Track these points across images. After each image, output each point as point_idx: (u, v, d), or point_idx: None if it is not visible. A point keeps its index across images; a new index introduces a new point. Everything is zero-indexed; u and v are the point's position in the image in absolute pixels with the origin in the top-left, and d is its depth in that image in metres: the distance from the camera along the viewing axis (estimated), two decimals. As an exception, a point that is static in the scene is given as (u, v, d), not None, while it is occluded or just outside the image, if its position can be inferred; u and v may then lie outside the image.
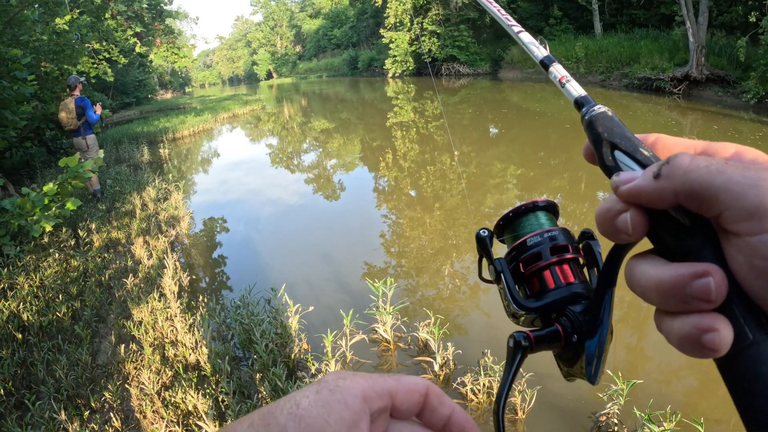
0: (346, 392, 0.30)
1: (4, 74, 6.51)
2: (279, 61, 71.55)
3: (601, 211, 0.30)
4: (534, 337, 0.39)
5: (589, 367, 0.37)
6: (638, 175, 0.28)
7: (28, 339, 3.32)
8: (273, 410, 0.29)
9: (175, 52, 31.09)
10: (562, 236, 0.42)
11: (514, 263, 0.43)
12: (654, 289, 0.27)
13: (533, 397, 2.43)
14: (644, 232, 0.29)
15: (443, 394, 0.35)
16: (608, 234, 0.30)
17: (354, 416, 0.29)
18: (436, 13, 28.12)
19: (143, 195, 6.79)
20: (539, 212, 0.44)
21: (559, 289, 0.40)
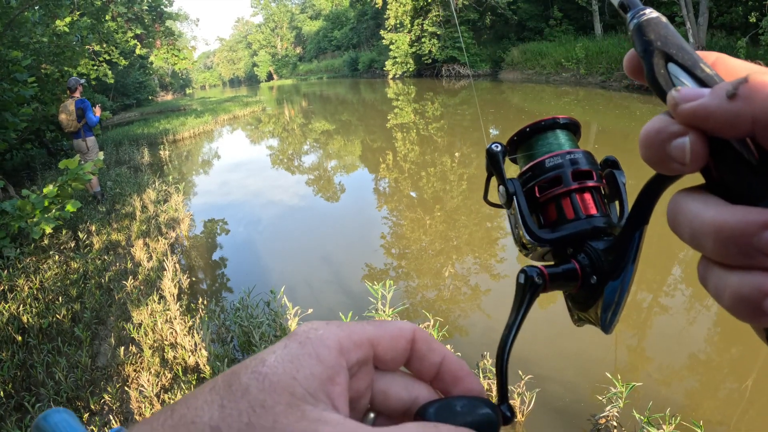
0: (318, 344, 0.26)
1: (5, 76, 6.52)
2: (279, 62, 71.61)
3: (651, 132, 0.24)
4: (548, 273, 0.35)
5: (605, 314, 0.33)
6: (706, 93, 0.23)
7: (27, 341, 3.32)
8: (237, 370, 0.26)
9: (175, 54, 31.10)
10: (585, 160, 0.37)
11: (529, 186, 0.38)
12: (710, 234, 0.22)
13: (532, 400, 2.43)
14: (703, 163, 0.24)
15: (432, 339, 0.32)
16: (655, 160, 0.25)
17: (328, 371, 0.26)
18: (436, 15, 28.14)
19: (143, 197, 6.79)
20: (560, 131, 0.39)
21: (580, 220, 0.36)
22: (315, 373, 0.25)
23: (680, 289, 3.75)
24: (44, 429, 0.24)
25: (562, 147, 0.38)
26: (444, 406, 0.29)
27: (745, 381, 2.63)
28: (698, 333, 3.17)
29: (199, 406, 0.24)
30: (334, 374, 0.26)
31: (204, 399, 0.25)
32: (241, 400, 0.24)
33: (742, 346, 2.99)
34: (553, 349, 2.97)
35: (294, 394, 0.24)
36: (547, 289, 0.35)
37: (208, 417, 0.24)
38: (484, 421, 0.29)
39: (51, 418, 0.24)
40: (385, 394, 0.30)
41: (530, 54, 22.50)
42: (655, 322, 3.38)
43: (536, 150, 0.38)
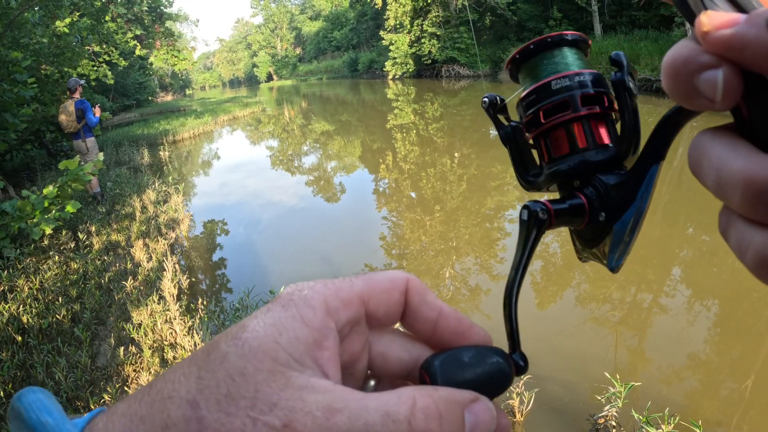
0: (303, 305, 0.24)
1: (5, 77, 6.52)
2: (279, 63, 71.65)
3: (677, 60, 0.21)
4: (554, 209, 0.32)
5: (613, 252, 0.31)
6: (742, 19, 0.19)
7: (27, 341, 3.32)
8: (218, 338, 0.24)
9: (175, 55, 31.12)
10: (595, 83, 0.34)
11: (532, 110, 0.35)
12: (739, 186, 0.19)
13: (531, 400, 2.43)
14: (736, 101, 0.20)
15: (427, 291, 0.29)
16: (680, 93, 0.21)
17: (314, 334, 0.24)
18: (435, 15, 28.15)
19: (143, 197, 6.79)
20: (567, 49, 0.35)
21: (588, 151, 0.33)
22: (300, 336, 0.23)
23: (680, 289, 3.75)
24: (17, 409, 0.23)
25: (570, 67, 0.34)
26: (450, 359, 0.26)
27: (744, 381, 2.63)
28: (698, 333, 3.17)
29: (177, 379, 0.23)
30: (322, 337, 0.24)
31: (182, 371, 0.23)
32: (219, 369, 0.22)
33: (741, 346, 3.00)
34: (552, 349, 2.98)
35: (277, 359, 0.22)
36: (553, 225, 0.32)
37: (185, 390, 0.22)
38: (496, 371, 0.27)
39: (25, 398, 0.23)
40: (384, 356, 0.28)
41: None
42: (654, 322, 3.38)
43: (541, 70, 0.35)
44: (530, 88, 0.35)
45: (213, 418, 0.21)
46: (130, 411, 0.23)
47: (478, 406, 0.25)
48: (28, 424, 0.23)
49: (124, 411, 0.23)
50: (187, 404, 0.22)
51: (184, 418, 0.21)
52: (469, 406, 0.24)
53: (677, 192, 5.57)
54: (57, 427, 0.22)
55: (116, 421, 0.23)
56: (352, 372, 0.27)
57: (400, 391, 0.23)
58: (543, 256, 4.32)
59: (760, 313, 3.22)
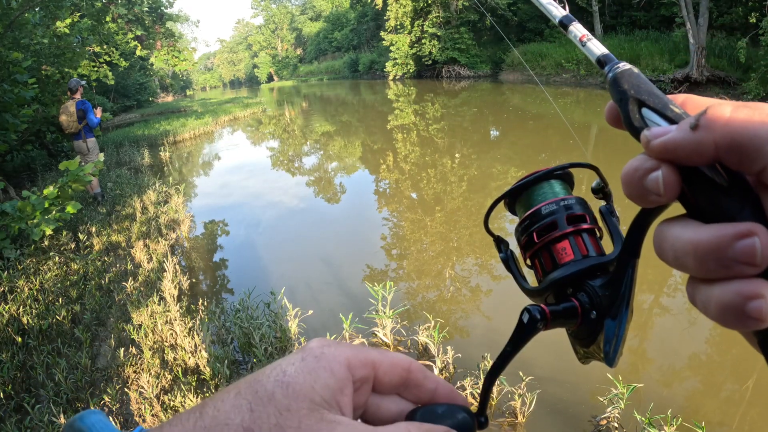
0: (332, 359, 0.31)
1: (5, 77, 6.52)
2: (280, 64, 71.69)
3: (629, 171, 0.27)
4: (550, 311, 0.36)
5: (607, 346, 0.35)
6: (673, 129, 0.25)
7: (27, 342, 3.32)
8: (259, 378, 0.29)
9: (175, 56, 31.15)
10: (578, 205, 0.40)
11: (527, 233, 0.41)
12: (690, 253, 0.24)
13: (533, 401, 2.43)
14: (677, 192, 0.26)
15: (427, 370, 0.36)
16: (635, 196, 0.27)
17: (339, 383, 0.30)
18: (436, 16, 28.16)
19: (144, 198, 6.79)
20: (554, 180, 0.42)
21: (576, 261, 0.38)
22: (329, 384, 0.30)
23: (681, 290, 3.74)
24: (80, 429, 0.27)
25: (557, 195, 0.41)
26: (428, 410, 0.35)
27: (746, 382, 2.63)
28: (699, 334, 3.16)
29: (229, 410, 0.28)
30: (344, 386, 0.30)
31: (232, 403, 0.28)
32: (269, 405, 0.28)
33: (743, 347, 2.98)
34: (554, 350, 2.97)
35: (314, 400, 0.29)
36: (549, 326, 0.37)
37: (240, 419, 0.27)
38: (462, 422, 0.34)
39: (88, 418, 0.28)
40: (378, 406, 0.35)
41: (530, 55, 22.51)
42: (656, 324, 3.37)
43: (532, 199, 0.41)
44: (524, 215, 0.41)
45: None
46: None
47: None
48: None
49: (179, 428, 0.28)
50: (243, 430, 0.27)
51: None
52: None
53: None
54: None
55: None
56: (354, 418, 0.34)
57: (399, 425, 0.32)
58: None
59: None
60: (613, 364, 0.35)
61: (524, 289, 0.42)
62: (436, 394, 0.36)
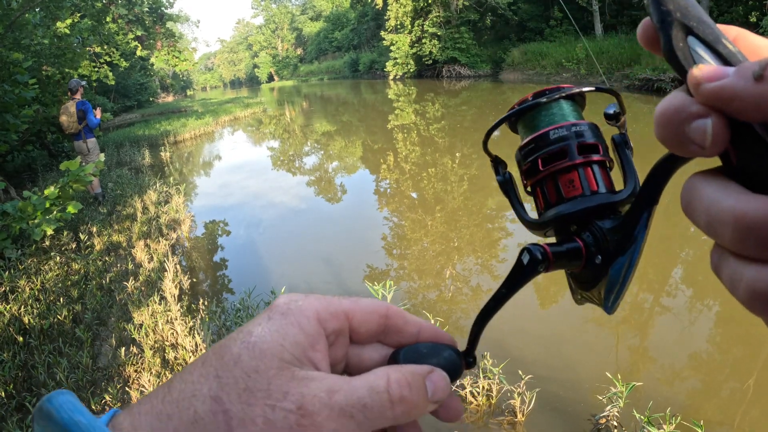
0: (300, 314, 0.29)
1: (6, 78, 6.53)
2: (280, 63, 71.70)
3: (669, 110, 0.23)
4: (552, 253, 0.33)
5: (609, 294, 0.32)
6: (730, 72, 0.21)
7: (29, 342, 3.33)
8: (226, 343, 0.28)
9: (176, 56, 31.16)
10: (591, 133, 0.35)
11: (531, 159, 0.36)
12: (729, 224, 0.21)
13: (532, 400, 2.43)
14: (723, 148, 0.22)
15: (407, 313, 0.34)
16: (672, 141, 0.23)
17: (309, 339, 0.29)
18: (436, 15, 28.15)
19: (144, 198, 6.80)
20: (564, 101, 0.37)
21: (585, 197, 0.34)
22: (299, 340, 0.28)
23: (681, 289, 3.75)
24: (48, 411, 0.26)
25: (567, 118, 0.36)
26: (411, 350, 0.33)
27: (746, 381, 2.63)
28: (699, 333, 3.17)
29: (196, 380, 0.27)
30: (315, 342, 0.29)
31: (199, 372, 0.27)
32: (235, 369, 0.27)
33: (743, 345, 2.99)
34: (554, 349, 2.97)
35: (283, 359, 0.27)
36: (550, 268, 0.34)
37: (207, 388, 0.26)
38: (447, 361, 0.33)
39: (55, 399, 0.26)
40: (360, 356, 0.34)
41: (531, 54, 22.51)
42: (656, 322, 3.37)
43: (539, 121, 0.36)
44: (528, 138, 0.37)
45: (237, 409, 0.25)
46: (155, 410, 0.26)
47: (434, 375, 0.31)
48: (59, 423, 0.25)
49: (149, 411, 0.27)
50: (211, 400, 0.26)
51: (211, 412, 0.25)
52: (428, 376, 0.31)
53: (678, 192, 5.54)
54: (90, 425, 0.25)
55: (143, 421, 0.26)
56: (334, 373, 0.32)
57: (376, 371, 0.30)
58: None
59: (761, 312, 3.21)
60: (611, 311, 0.33)
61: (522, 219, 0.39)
62: (419, 337, 0.34)
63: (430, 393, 0.30)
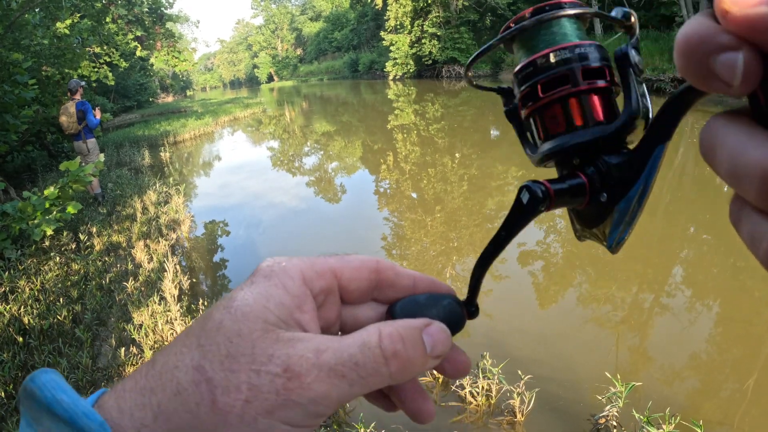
0: (283, 275, 0.28)
1: (6, 78, 6.53)
2: (280, 64, 71.70)
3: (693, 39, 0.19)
4: (554, 190, 0.31)
5: (614, 232, 0.30)
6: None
7: (28, 342, 3.33)
8: (209, 311, 0.27)
9: (175, 56, 31.15)
10: (597, 55, 0.31)
11: (530, 83, 0.33)
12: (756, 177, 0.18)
13: (532, 399, 2.43)
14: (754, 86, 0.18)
15: (398, 265, 0.33)
16: (694, 75, 0.20)
17: (295, 300, 0.27)
18: (436, 16, 28.16)
19: (144, 198, 6.80)
20: (566, 20, 0.32)
21: (589, 127, 0.31)
22: (283, 302, 0.27)
23: (681, 289, 3.75)
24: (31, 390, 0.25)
25: (570, 39, 0.32)
26: (408, 302, 0.31)
27: (746, 381, 2.63)
28: (699, 332, 3.17)
29: (178, 351, 0.26)
30: (301, 302, 0.28)
31: (182, 343, 0.26)
32: (217, 335, 0.25)
33: (743, 345, 2.99)
34: (553, 349, 2.97)
35: (267, 321, 0.26)
36: (552, 206, 0.31)
37: (189, 358, 0.25)
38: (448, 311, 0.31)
39: (38, 378, 0.25)
40: (355, 317, 0.32)
41: (530, 55, 22.50)
42: (655, 322, 3.37)
43: (538, 41, 0.32)
44: (527, 60, 0.33)
45: (220, 377, 0.24)
46: (139, 386, 0.25)
47: (432, 327, 0.29)
48: (42, 402, 0.24)
49: (132, 387, 0.26)
50: (193, 370, 0.25)
51: (193, 382, 0.24)
52: (425, 329, 0.29)
53: (678, 192, 5.56)
54: (72, 403, 0.24)
55: (127, 397, 0.25)
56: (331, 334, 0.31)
57: (368, 328, 0.28)
58: (544, 257, 4.31)
59: (761, 312, 3.22)
60: (615, 251, 0.31)
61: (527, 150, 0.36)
62: (415, 289, 0.32)
63: (429, 347, 0.29)
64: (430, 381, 2.78)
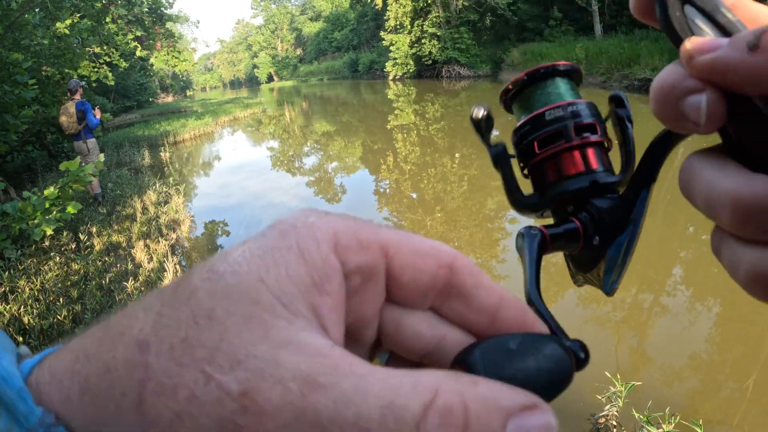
0: (306, 235, 0.19)
1: (6, 78, 6.53)
2: (280, 64, 71.70)
3: (664, 86, 0.21)
4: (549, 234, 0.32)
5: (608, 276, 0.31)
6: (724, 44, 0.19)
7: (28, 342, 3.33)
8: (192, 269, 0.19)
9: (175, 56, 31.15)
10: (588, 112, 0.34)
11: (526, 141, 0.35)
12: (728, 206, 0.20)
13: (533, 399, 2.43)
14: (720, 124, 0.21)
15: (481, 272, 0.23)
16: (667, 118, 0.22)
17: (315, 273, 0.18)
18: (436, 16, 28.17)
19: (144, 198, 6.80)
20: (560, 79, 0.35)
21: (581, 176, 0.33)
22: (294, 274, 0.18)
23: (681, 289, 3.75)
24: None
25: (563, 98, 0.34)
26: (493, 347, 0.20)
27: (746, 380, 2.63)
28: (699, 332, 3.17)
29: (135, 315, 0.18)
30: (324, 279, 0.18)
31: (144, 305, 0.19)
32: (183, 308, 0.17)
33: (743, 345, 2.99)
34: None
35: (257, 302, 0.17)
36: (548, 250, 0.32)
37: (138, 328, 0.18)
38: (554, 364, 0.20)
39: None
40: (399, 326, 0.22)
41: (530, 55, 22.51)
42: (655, 322, 3.38)
43: (534, 101, 0.35)
44: (524, 119, 0.35)
45: (161, 366, 0.17)
46: (80, 346, 0.19)
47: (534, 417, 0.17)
48: None
49: (74, 346, 0.19)
50: (136, 345, 0.17)
51: (128, 362, 0.17)
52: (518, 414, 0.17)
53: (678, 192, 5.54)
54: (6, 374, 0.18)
55: (63, 357, 0.19)
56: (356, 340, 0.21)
57: (419, 374, 0.17)
58: (543, 256, 4.31)
59: (761, 312, 3.22)
60: (611, 293, 0.32)
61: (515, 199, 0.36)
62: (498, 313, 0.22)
63: None
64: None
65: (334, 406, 0.15)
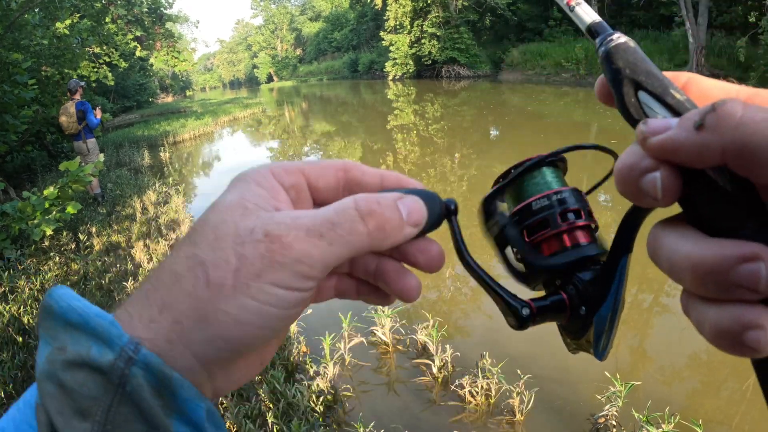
0: (254, 174, 0.31)
1: (5, 78, 6.53)
2: (279, 64, 71.69)
3: (624, 168, 0.24)
4: (536, 306, 0.35)
5: (597, 341, 0.33)
6: (673, 124, 0.22)
7: (28, 342, 3.33)
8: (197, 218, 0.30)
9: (175, 56, 31.15)
10: (573, 199, 0.36)
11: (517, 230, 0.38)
12: (688, 270, 0.22)
13: (531, 399, 2.43)
14: (676, 197, 0.23)
15: (364, 165, 0.35)
16: (630, 196, 0.24)
17: (269, 191, 0.30)
18: (436, 16, 28.17)
19: (144, 198, 6.80)
20: (546, 169, 0.38)
21: (566, 252, 0.35)
22: (259, 193, 0.30)
23: (680, 288, 3.75)
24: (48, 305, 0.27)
25: (550, 186, 0.37)
26: None
27: (746, 381, 2.63)
28: (698, 333, 3.17)
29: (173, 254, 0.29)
30: (275, 193, 0.30)
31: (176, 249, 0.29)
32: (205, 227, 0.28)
33: (742, 345, 2.99)
34: (553, 348, 2.97)
35: (246, 207, 0.28)
36: (536, 321, 0.35)
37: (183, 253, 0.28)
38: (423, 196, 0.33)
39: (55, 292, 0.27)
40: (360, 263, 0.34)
41: (530, 55, 22.54)
42: (655, 322, 3.38)
43: (522, 191, 0.38)
44: (514, 209, 0.38)
45: (210, 257, 0.27)
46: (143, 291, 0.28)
47: (406, 198, 0.32)
48: (57, 313, 0.26)
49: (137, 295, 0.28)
50: (186, 259, 0.27)
51: (188, 268, 0.27)
52: (398, 200, 0.31)
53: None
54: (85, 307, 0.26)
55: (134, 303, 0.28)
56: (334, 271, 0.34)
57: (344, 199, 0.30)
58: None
59: (760, 312, 3.21)
60: (603, 358, 0.34)
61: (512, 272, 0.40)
62: (383, 185, 0.34)
63: (405, 213, 0.31)
64: (429, 381, 2.78)
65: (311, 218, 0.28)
